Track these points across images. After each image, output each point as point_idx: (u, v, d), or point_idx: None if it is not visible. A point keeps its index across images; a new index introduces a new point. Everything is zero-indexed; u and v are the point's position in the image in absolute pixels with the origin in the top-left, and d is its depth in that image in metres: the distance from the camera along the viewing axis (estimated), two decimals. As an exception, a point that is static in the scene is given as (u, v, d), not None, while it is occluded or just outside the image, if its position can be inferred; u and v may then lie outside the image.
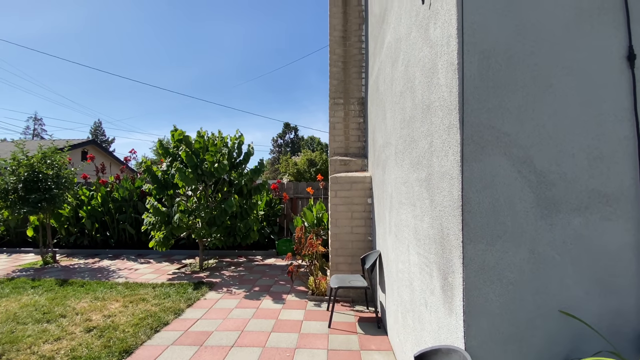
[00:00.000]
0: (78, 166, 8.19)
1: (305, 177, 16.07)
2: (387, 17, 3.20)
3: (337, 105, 5.26)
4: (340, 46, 5.28)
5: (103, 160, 18.40)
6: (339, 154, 5.25)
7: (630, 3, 1.47)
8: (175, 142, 6.24)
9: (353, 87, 5.29)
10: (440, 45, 1.65)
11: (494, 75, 1.45)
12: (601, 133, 1.44)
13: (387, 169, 3.23)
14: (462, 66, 1.45)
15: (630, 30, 1.46)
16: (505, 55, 1.45)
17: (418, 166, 2.08)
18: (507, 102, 1.45)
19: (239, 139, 6.76)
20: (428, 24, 1.84)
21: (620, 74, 1.46)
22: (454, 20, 1.49)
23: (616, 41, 1.46)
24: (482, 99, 1.45)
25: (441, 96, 1.64)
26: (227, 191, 6.57)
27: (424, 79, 1.94)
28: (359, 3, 5.21)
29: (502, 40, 1.46)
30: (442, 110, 1.63)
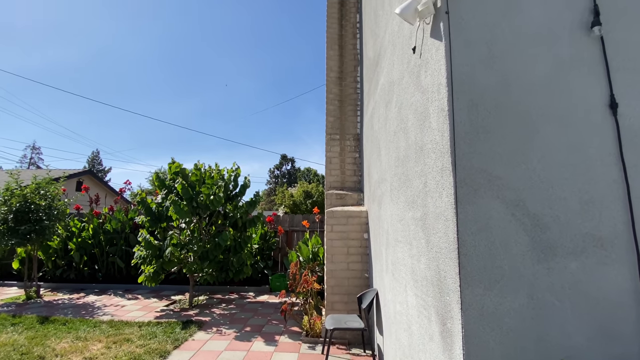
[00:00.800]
0: (72, 197, 8.11)
1: (301, 208, 15.99)
2: (381, 61, 3.38)
3: (333, 141, 5.38)
4: (336, 86, 5.51)
5: (98, 190, 18.25)
6: (335, 187, 5.27)
7: (608, 54, 1.57)
8: (172, 175, 6.26)
9: (349, 124, 5.45)
10: (431, 91, 1.73)
11: (483, 121, 1.51)
12: (590, 177, 1.48)
13: (383, 204, 3.24)
14: (452, 112, 1.52)
15: (611, 80, 1.55)
16: (493, 103, 1.52)
17: (413, 205, 2.09)
18: (497, 147, 1.49)
19: (236, 171, 6.80)
20: (419, 71, 1.94)
21: (603, 120, 1.53)
22: (443, 70, 1.58)
23: (597, 90, 1.55)
24: (473, 143, 1.50)
25: (433, 139, 1.70)
26: (221, 224, 6.49)
27: (416, 121, 2.01)
28: (354, 47, 5.52)
29: (490, 89, 1.54)
30: (434, 153, 1.68)
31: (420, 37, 1.90)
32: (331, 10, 5.57)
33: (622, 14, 1.60)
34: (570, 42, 1.57)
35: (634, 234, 1.43)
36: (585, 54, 1.56)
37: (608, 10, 1.59)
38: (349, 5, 5.56)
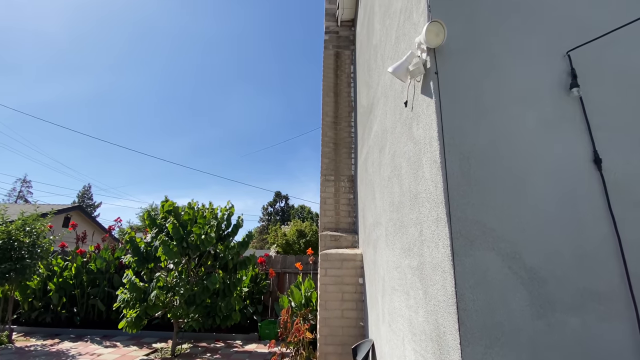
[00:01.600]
0: (58, 234, 7.85)
1: (294, 248, 15.63)
2: (374, 109, 3.54)
3: (328, 182, 5.44)
4: (331, 129, 5.71)
5: (86, 227, 17.78)
6: (329, 228, 5.22)
7: (588, 113, 1.68)
8: (163, 213, 6.16)
9: (343, 166, 5.55)
10: (424, 143, 1.80)
11: (474, 173, 1.56)
12: (582, 231, 1.50)
13: (378, 249, 3.20)
14: (444, 164, 1.57)
15: (592, 137, 1.64)
16: (484, 157, 1.59)
17: (409, 252, 2.07)
18: (489, 199, 1.52)
19: (229, 210, 6.73)
20: (411, 123, 2.03)
21: (589, 175, 1.59)
22: (434, 125, 1.66)
23: (581, 146, 1.63)
24: (466, 195, 1.53)
25: (427, 189, 1.73)
26: (211, 265, 6.27)
27: (410, 169, 2.06)
28: (348, 95, 5.81)
29: (479, 143, 1.61)
30: (429, 202, 1.70)
31: (411, 92, 2.02)
32: (327, 61, 5.94)
33: (598, 77, 1.74)
34: (551, 102, 1.68)
35: (630, 289, 1.42)
36: (566, 113, 1.67)
37: (585, 72, 1.73)
38: (343, 57, 5.95)
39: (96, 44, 72.99)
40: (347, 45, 6.06)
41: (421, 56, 1.81)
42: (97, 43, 72.99)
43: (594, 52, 1.76)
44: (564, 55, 1.76)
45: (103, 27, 70.97)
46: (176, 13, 79.67)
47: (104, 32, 72.12)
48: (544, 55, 1.77)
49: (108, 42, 73.79)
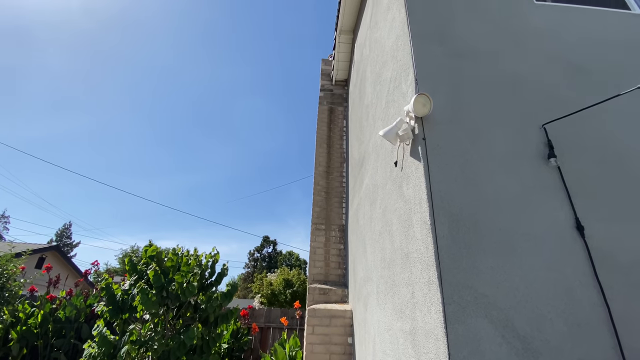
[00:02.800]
0: (30, 276, 7.36)
1: (280, 299, 14.84)
2: (365, 163, 3.67)
3: (318, 231, 5.39)
4: (323, 179, 5.82)
5: (61, 269, 16.79)
6: (318, 281, 5.05)
7: (567, 181, 1.78)
8: (146, 259, 5.90)
9: (334, 215, 5.56)
10: (414, 203, 1.85)
11: (464, 237, 1.59)
12: (572, 298, 1.51)
13: (369, 307, 3.08)
14: (434, 226, 1.60)
15: (573, 204, 1.72)
16: (472, 220, 1.63)
17: (402, 315, 2.00)
18: (479, 263, 1.54)
19: (214, 257, 6.50)
20: (401, 182, 2.11)
21: (573, 241, 1.64)
22: (423, 187, 1.73)
23: (563, 213, 1.70)
24: (456, 258, 1.54)
25: (418, 249, 1.74)
26: (190, 317, 5.87)
27: (401, 227, 2.09)
28: (341, 147, 6.05)
29: (467, 207, 1.67)
30: (420, 264, 1.70)
31: (401, 153, 2.13)
32: (322, 115, 6.27)
33: (573, 147, 1.88)
34: (531, 170, 1.79)
35: (625, 363, 1.39)
36: (546, 181, 1.77)
37: (561, 143, 1.87)
38: (337, 112, 6.30)
39: (94, 82, 75.41)
40: (340, 102, 6.45)
41: (410, 123, 1.94)
42: (95, 81, 75.44)
43: (569, 125, 1.93)
44: (540, 127, 1.92)
45: (102, 65, 74.00)
46: (174, 56, 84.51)
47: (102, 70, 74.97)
48: (522, 127, 1.93)
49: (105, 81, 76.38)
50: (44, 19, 64.63)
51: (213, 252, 6.64)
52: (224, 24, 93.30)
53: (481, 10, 2.35)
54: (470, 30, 2.24)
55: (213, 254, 6.58)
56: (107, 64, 73.87)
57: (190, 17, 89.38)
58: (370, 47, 3.87)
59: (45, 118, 74.68)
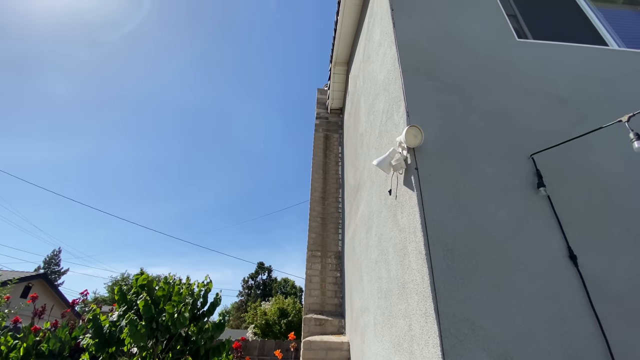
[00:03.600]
0: (15, 306, 7.05)
1: (274, 330, 14.27)
2: (361, 190, 3.71)
3: (314, 258, 5.32)
4: (319, 204, 5.82)
5: (48, 298, 16.17)
6: (314, 310, 4.91)
7: (557, 211, 1.81)
8: (136, 288, 5.73)
9: (330, 241, 5.51)
10: (408, 232, 1.87)
11: (459, 266, 1.60)
12: (569, 329, 1.49)
13: (366, 339, 2.99)
14: (430, 256, 1.61)
15: (565, 234, 1.75)
16: (466, 250, 1.65)
17: (399, 348, 1.95)
18: (475, 294, 1.53)
19: (207, 286, 6.30)
20: (396, 211, 2.13)
21: (567, 271, 1.65)
22: (417, 216, 1.75)
23: (555, 242, 1.72)
24: (452, 289, 1.54)
25: (414, 279, 1.73)
26: (180, 350, 5.61)
27: (396, 256, 2.08)
28: (336, 172, 6.11)
29: (461, 236, 1.68)
30: (417, 295, 1.69)
31: (395, 182, 2.17)
32: (317, 142, 6.38)
33: (561, 177, 1.94)
34: (522, 199, 1.83)
35: (629, 399, 1.36)
36: (537, 210, 1.81)
37: (549, 173, 1.92)
38: (332, 139, 6.43)
39: (92, 108, 76.21)
40: (335, 129, 6.59)
41: (402, 153, 2.00)
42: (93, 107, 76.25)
43: (555, 156, 2.00)
44: (528, 157, 1.98)
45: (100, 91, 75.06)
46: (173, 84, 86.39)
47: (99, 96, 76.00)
48: (511, 157, 1.99)
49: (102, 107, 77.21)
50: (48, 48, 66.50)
51: (206, 280, 6.47)
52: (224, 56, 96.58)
53: (466, 48, 2.49)
54: (456, 66, 2.37)
55: (206, 283, 6.41)
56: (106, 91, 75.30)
57: (191, 50, 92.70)
58: (363, 78, 4.03)
59: (40, 144, 74.75)
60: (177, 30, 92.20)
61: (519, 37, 2.71)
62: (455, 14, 2.75)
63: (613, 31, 3.01)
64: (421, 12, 2.70)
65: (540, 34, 2.81)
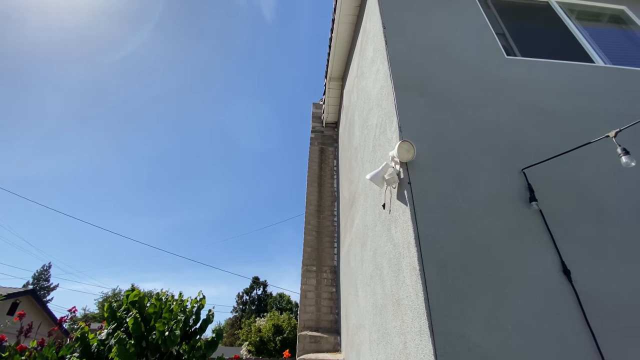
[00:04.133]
0: (1, 324, 6.82)
1: (269, 347, 13.88)
2: (356, 203, 3.70)
3: (309, 272, 5.24)
4: (314, 218, 5.79)
5: (36, 315, 15.68)
6: (309, 327, 4.81)
7: (550, 225, 1.82)
8: (127, 304, 5.59)
9: (326, 255, 5.45)
10: (402, 247, 1.85)
11: (453, 282, 1.58)
12: (566, 347, 1.47)
13: (362, 356, 2.92)
14: (423, 272, 1.59)
15: (558, 248, 1.74)
16: (460, 265, 1.63)
17: (394, 366, 1.90)
18: (470, 310, 1.51)
19: (200, 302, 6.16)
20: (390, 225, 2.12)
21: (562, 286, 1.63)
22: (410, 231, 1.74)
23: (549, 257, 1.72)
24: (446, 306, 1.52)
25: (409, 295, 1.71)
26: (171, 370, 5.44)
27: (391, 272, 2.06)
28: (331, 185, 6.11)
29: (454, 252, 1.67)
30: (411, 311, 1.66)
31: (388, 196, 2.17)
32: (313, 155, 6.41)
33: (552, 192, 1.95)
34: (515, 214, 1.84)
35: (628, 419, 1.33)
36: (530, 224, 1.81)
37: (541, 187, 1.94)
38: (327, 152, 6.46)
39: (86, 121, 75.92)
40: (330, 142, 6.64)
41: (395, 167, 2.01)
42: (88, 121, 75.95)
43: (546, 170, 2.02)
44: (519, 172, 2.00)
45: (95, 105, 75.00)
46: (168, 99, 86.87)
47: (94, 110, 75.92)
48: (503, 172, 2.01)
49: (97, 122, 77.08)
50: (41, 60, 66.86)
51: (199, 296, 6.33)
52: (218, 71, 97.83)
53: (457, 64, 2.55)
54: (448, 82, 2.41)
55: (199, 299, 6.27)
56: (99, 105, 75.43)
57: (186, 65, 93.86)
58: (357, 94, 4.09)
59: (32, 157, 74.09)
60: (174, 44, 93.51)
61: (508, 54, 2.78)
62: (445, 32, 2.83)
63: (598, 48, 3.11)
64: (412, 31, 2.77)
65: (528, 52, 2.89)
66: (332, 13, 4.51)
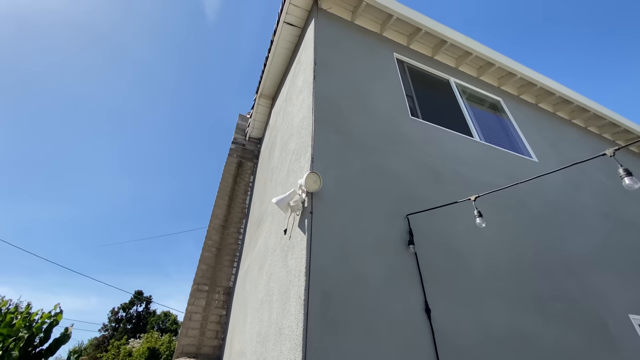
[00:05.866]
0: None
1: (139, 374, 11.99)
2: (263, 224, 3.64)
3: (199, 292, 4.83)
4: (218, 233, 5.46)
5: None
6: (188, 353, 4.36)
7: (421, 267, 2.08)
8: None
9: (222, 275, 5.13)
10: (294, 275, 1.87)
11: (333, 315, 1.65)
12: (417, 379, 1.65)
13: (237, 387, 2.75)
14: (307, 302, 1.63)
15: (424, 288, 1.99)
16: (343, 297, 1.72)
17: (265, 399, 1.84)
18: (343, 344, 1.59)
19: (55, 317, 5.11)
20: (288, 251, 2.14)
21: (422, 323, 1.86)
22: (304, 259, 1.78)
23: (415, 295, 1.95)
24: (323, 338, 1.56)
25: (290, 325, 1.71)
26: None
27: (280, 299, 2.04)
28: (243, 201, 5.92)
29: (341, 284, 1.76)
30: (290, 341, 1.65)
31: (291, 222, 2.20)
32: (229, 166, 6.16)
33: (427, 238, 2.26)
34: (395, 254, 2.06)
35: None
36: (406, 265, 2.04)
37: (420, 233, 2.22)
38: (245, 167, 6.30)
39: None
40: (250, 157, 6.51)
41: (301, 195, 2.07)
42: None
43: (426, 219, 2.34)
44: (404, 217, 2.27)
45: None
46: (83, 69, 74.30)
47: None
48: (392, 214, 2.25)
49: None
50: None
51: (54, 310, 5.20)
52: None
53: (370, 114, 2.84)
54: (360, 127, 2.66)
55: (53, 314, 5.15)
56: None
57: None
58: (283, 117, 4.16)
59: None
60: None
61: (412, 115, 3.23)
62: (366, 82, 3.15)
63: (478, 126, 3.86)
64: (339, 73, 3.01)
65: (428, 116, 3.42)
66: (272, 35, 4.60)
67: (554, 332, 2.22)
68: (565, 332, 2.27)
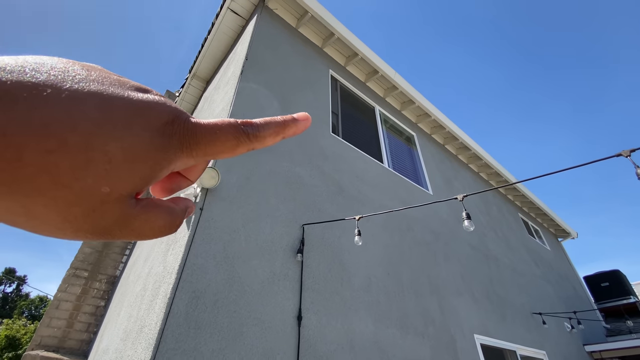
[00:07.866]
0: None
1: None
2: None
3: (75, 278, 4.24)
4: (113, 215, 4.89)
5: None
6: (47, 346, 3.77)
7: (304, 276, 2.17)
8: None
9: (109, 262, 4.60)
10: (168, 271, 1.78)
11: (199, 315, 1.61)
12: (273, 384, 1.70)
13: (91, 388, 2.47)
14: (172, 301, 1.56)
15: (302, 296, 2.08)
16: (214, 299, 1.69)
17: (109, 402, 1.69)
18: (202, 346, 1.56)
19: None
20: (170, 246, 2.02)
21: (292, 330, 1.93)
22: (180, 257, 1.71)
23: (291, 303, 2.02)
24: (181, 339, 1.51)
25: (151, 323, 1.61)
26: None
27: (151, 295, 1.92)
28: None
29: (215, 285, 1.73)
30: (145, 341, 1.56)
31: (181, 216, 2.09)
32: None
33: (317, 250, 2.37)
34: (282, 261, 2.11)
35: None
36: (290, 272, 2.11)
37: (312, 243, 2.32)
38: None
39: None
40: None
41: (196, 189, 1.98)
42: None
43: (320, 231, 2.45)
44: (300, 226, 2.36)
45: None
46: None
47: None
48: (289, 222, 2.31)
49: None
50: None
51: None
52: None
53: (290, 121, 2.89)
54: (275, 132, 2.68)
55: None
56: None
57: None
58: (209, 104, 3.97)
59: None
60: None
61: (333, 131, 3.39)
62: (295, 90, 3.21)
63: (390, 154, 4.23)
64: (270, 74, 3.01)
65: (348, 136, 3.62)
66: (214, 17, 4.38)
67: (410, 344, 2.52)
68: (420, 345, 2.59)
